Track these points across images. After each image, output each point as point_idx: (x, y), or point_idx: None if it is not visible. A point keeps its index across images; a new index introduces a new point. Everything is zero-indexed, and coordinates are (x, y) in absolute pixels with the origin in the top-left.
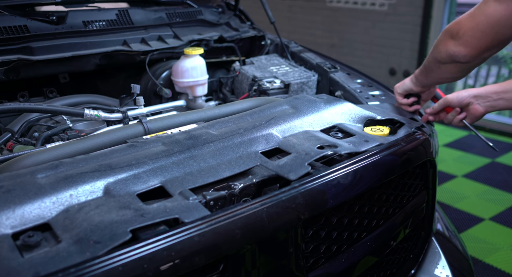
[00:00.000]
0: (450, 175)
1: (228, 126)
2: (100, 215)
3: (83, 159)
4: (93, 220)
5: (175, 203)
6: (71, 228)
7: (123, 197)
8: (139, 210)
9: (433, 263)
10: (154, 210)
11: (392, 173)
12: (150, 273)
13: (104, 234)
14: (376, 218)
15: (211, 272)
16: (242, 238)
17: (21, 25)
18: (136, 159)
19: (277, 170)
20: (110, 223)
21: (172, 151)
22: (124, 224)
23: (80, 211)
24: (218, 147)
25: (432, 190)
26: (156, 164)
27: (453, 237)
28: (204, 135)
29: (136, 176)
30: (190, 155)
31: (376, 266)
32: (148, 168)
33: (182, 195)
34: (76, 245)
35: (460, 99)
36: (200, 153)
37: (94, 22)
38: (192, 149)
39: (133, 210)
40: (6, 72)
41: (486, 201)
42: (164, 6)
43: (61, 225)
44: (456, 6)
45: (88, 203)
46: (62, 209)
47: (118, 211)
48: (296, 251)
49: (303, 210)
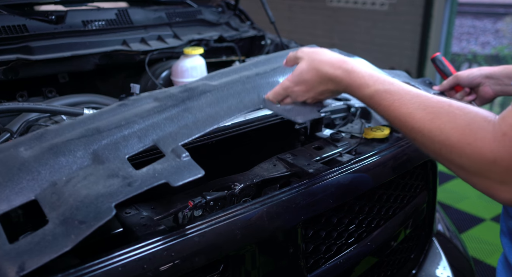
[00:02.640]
0: (451, 175)
1: (229, 76)
2: (87, 187)
3: (69, 124)
4: (80, 194)
5: (165, 165)
6: (58, 205)
7: (112, 163)
8: (127, 178)
9: (434, 263)
10: (143, 176)
11: (392, 173)
12: (150, 273)
13: (89, 212)
14: (376, 219)
15: (211, 272)
16: (242, 238)
17: (20, 25)
18: (126, 119)
19: (283, 113)
20: (96, 198)
21: (165, 105)
22: (109, 197)
23: (67, 184)
24: (217, 96)
25: (433, 190)
26: (148, 122)
27: (454, 238)
28: (202, 86)
29: (126, 137)
30: (185, 107)
31: (376, 267)
32: (139, 127)
33: (174, 153)
34: (62, 226)
35: (471, 79)
36: (196, 104)
37: (94, 22)
38: (187, 101)
39: (121, 178)
40: (5, 72)
41: (487, 201)
42: (163, 5)
43: (48, 201)
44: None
45: (76, 173)
46: (49, 183)
47: (106, 181)
48: (296, 251)
49: (303, 210)
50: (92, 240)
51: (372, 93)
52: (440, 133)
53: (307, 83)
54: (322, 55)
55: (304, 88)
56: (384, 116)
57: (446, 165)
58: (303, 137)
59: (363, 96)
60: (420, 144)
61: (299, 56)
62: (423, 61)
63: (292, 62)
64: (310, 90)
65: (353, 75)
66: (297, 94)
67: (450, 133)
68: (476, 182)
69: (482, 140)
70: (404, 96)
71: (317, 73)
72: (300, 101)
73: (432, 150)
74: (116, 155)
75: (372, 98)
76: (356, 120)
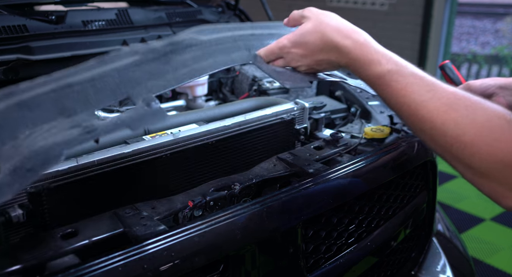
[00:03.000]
0: (451, 175)
1: (221, 32)
2: (46, 138)
3: (42, 81)
4: (35, 144)
5: (131, 113)
6: (13, 156)
7: (79, 116)
8: (88, 127)
9: (433, 263)
10: (105, 125)
11: (392, 173)
12: (150, 273)
13: (39, 160)
14: (376, 219)
15: (211, 272)
16: (242, 238)
17: (20, 25)
18: (101, 74)
19: (271, 74)
20: (51, 147)
21: (145, 59)
22: (64, 145)
23: (28, 137)
24: (204, 52)
25: (433, 190)
26: (124, 77)
27: (454, 238)
28: (188, 40)
29: (98, 90)
30: (167, 60)
31: (376, 267)
32: (113, 81)
33: (144, 102)
34: (10, 176)
35: (484, 88)
36: (180, 58)
37: (94, 22)
38: (170, 54)
39: (82, 128)
40: (5, 72)
41: (487, 201)
42: (163, 5)
43: (5, 154)
44: (457, 5)
45: (40, 127)
46: (10, 138)
47: (66, 131)
48: (296, 251)
49: (303, 210)
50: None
51: (383, 73)
52: (454, 127)
53: (307, 47)
54: (332, 19)
55: (302, 52)
56: (390, 101)
57: (452, 163)
58: (303, 137)
59: (371, 74)
60: (428, 136)
61: (305, 15)
62: (423, 61)
63: (295, 21)
64: (307, 56)
65: (364, 48)
66: (292, 57)
67: (467, 128)
68: (483, 184)
69: (500, 141)
70: (419, 82)
71: (321, 38)
72: (292, 66)
73: (440, 145)
74: (84, 107)
75: (381, 78)
76: (356, 120)
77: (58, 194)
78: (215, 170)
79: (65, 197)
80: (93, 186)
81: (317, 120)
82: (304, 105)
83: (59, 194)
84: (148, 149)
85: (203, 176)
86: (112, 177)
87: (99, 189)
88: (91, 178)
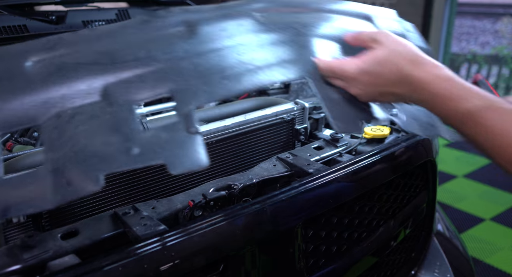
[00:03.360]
0: (451, 175)
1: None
2: (88, 135)
3: (85, 37)
4: (78, 142)
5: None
6: (57, 145)
7: (119, 109)
8: (127, 140)
9: (433, 263)
10: (144, 145)
11: (392, 173)
12: (150, 273)
13: (78, 173)
14: (376, 218)
15: (211, 272)
16: (242, 238)
17: (21, 25)
18: (146, 49)
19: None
20: (91, 156)
21: (195, 38)
22: (102, 162)
23: (71, 121)
24: (266, 38)
25: (433, 190)
26: (170, 61)
27: (454, 238)
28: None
29: (141, 78)
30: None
31: (376, 267)
32: (157, 66)
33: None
34: (50, 177)
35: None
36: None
37: (94, 22)
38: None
39: (122, 138)
40: None
41: (486, 201)
42: (164, 6)
43: (49, 135)
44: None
45: (82, 109)
46: (53, 113)
47: (107, 134)
48: (296, 251)
49: (303, 210)
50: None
51: (470, 109)
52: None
53: (376, 77)
54: (408, 49)
55: (369, 81)
56: (477, 138)
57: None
58: (303, 137)
59: (454, 111)
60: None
61: (378, 39)
62: None
63: (363, 43)
64: (373, 86)
65: (448, 83)
66: (355, 83)
67: None
68: None
69: None
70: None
71: (396, 70)
72: (351, 92)
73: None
74: (125, 99)
75: (468, 115)
76: None
77: None
78: (215, 170)
79: None
80: None
81: (317, 120)
82: (304, 105)
83: None
84: None
85: (203, 176)
86: (112, 177)
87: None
88: None
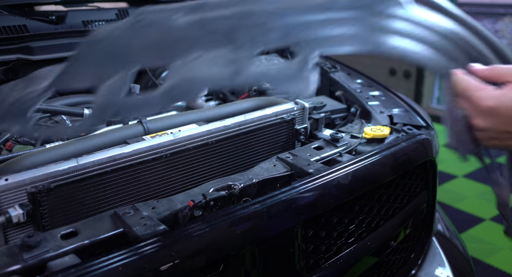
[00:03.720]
0: (451, 175)
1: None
2: (202, 68)
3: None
4: (190, 73)
5: (284, 65)
6: (173, 76)
7: (242, 53)
8: (238, 69)
9: (433, 263)
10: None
11: (392, 173)
12: (150, 273)
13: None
14: (376, 219)
15: (211, 272)
16: (242, 238)
17: (21, 25)
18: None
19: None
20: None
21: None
22: (209, 82)
23: (194, 60)
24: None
25: (433, 190)
26: (303, 18)
27: (454, 237)
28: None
29: (270, 30)
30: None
31: (376, 267)
32: (289, 20)
33: (302, 60)
34: (159, 96)
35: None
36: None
37: (94, 22)
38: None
39: (236, 67)
40: (5, 72)
41: (486, 201)
42: None
43: (172, 71)
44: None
45: (207, 54)
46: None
47: (222, 67)
48: (296, 251)
49: (303, 210)
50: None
51: None
52: None
53: (505, 119)
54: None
55: (494, 123)
56: None
57: None
58: (303, 137)
59: None
60: None
61: (509, 76)
62: None
63: (496, 78)
64: (496, 127)
65: None
66: (479, 114)
67: None
68: None
69: None
70: None
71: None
72: (472, 123)
73: None
74: (251, 43)
75: None
76: (356, 120)
77: (58, 194)
78: (215, 170)
79: (65, 197)
80: (93, 186)
81: (317, 120)
82: (304, 105)
83: (59, 194)
84: (148, 149)
85: (203, 176)
86: (112, 177)
87: (99, 189)
88: (91, 178)
